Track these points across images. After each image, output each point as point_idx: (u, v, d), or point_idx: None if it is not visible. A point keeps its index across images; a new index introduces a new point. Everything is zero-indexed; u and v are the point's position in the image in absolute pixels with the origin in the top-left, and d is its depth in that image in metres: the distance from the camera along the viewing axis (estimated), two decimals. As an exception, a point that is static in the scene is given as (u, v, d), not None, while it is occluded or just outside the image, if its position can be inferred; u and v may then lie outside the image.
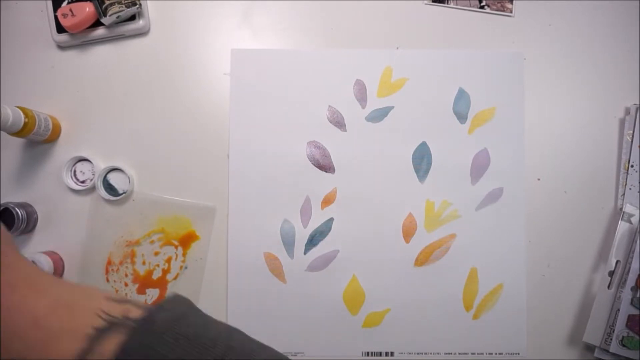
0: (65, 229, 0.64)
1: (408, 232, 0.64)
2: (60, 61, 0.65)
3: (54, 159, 0.64)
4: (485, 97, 0.65)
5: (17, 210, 0.60)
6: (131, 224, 0.64)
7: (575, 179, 0.65)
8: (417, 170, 0.64)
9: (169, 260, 0.64)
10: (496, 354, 0.64)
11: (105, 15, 0.61)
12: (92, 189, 0.64)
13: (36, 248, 0.63)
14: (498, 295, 0.64)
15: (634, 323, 0.60)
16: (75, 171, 0.64)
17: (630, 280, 0.61)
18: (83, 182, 0.64)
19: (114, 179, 0.64)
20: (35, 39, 0.65)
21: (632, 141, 0.64)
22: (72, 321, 0.28)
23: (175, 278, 0.64)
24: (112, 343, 0.28)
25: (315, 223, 0.64)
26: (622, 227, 0.63)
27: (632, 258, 0.61)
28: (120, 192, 0.64)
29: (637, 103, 0.65)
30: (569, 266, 0.64)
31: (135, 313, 0.30)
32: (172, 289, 0.64)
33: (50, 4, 0.63)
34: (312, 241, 0.64)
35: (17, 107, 0.57)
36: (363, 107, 0.65)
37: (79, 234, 0.64)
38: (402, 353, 0.63)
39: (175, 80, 0.65)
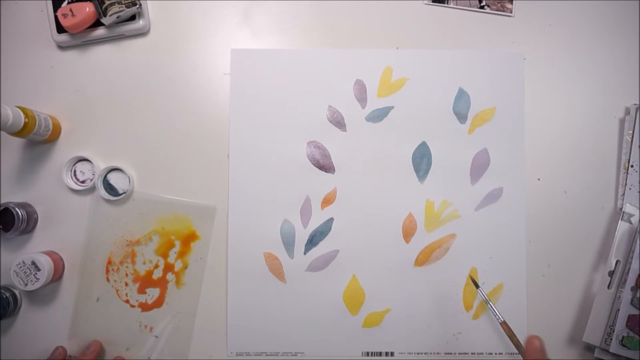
0: (65, 229, 0.64)
1: (408, 232, 0.64)
2: (60, 61, 0.65)
3: (54, 159, 0.64)
4: (485, 97, 0.65)
5: (17, 210, 0.60)
6: (131, 223, 0.64)
7: (575, 179, 0.65)
8: (417, 170, 0.64)
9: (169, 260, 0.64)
10: (496, 353, 0.64)
11: (105, 15, 0.61)
12: (92, 189, 0.64)
13: (36, 248, 0.63)
14: (498, 295, 0.64)
15: (634, 323, 0.60)
16: (75, 171, 0.64)
17: (630, 280, 0.61)
18: (83, 182, 0.64)
19: (114, 179, 0.64)
20: (35, 39, 0.65)
21: (632, 141, 0.64)
22: None
23: (175, 278, 0.64)
24: None
25: (315, 223, 0.64)
26: (622, 227, 0.63)
27: (632, 258, 0.61)
28: (120, 192, 0.64)
29: (637, 103, 0.65)
30: (569, 266, 0.64)
31: None
32: (172, 288, 0.64)
33: (50, 4, 0.63)
34: (312, 241, 0.64)
35: (17, 107, 0.57)
36: (363, 107, 0.65)
37: (79, 234, 0.64)
38: (402, 353, 0.63)
39: (175, 80, 0.65)
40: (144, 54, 0.65)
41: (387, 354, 0.64)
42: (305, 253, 0.64)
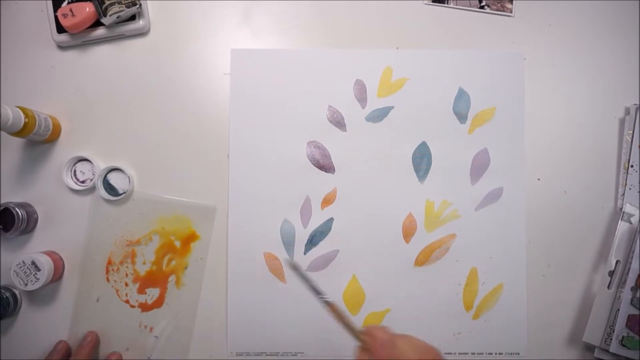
0: (65, 229, 0.64)
1: (408, 232, 0.64)
2: (60, 61, 0.65)
3: (54, 159, 0.64)
4: (485, 97, 0.65)
5: (17, 210, 0.60)
6: (131, 223, 0.64)
7: (575, 179, 0.65)
8: (417, 170, 0.64)
9: (169, 260, 0.64)
10: (496, 354, 0.64)
11: (105, 15, 0.61)
12: (92, 189, 0.64)
13: (36, 248, 0.63)
14: (498, 295, 0.64)
15: (634, 323, 0.60)
16: (75, 171, 0.64)
17: (630, 280, 0.61)
18: (83, 182, 0.64)
19: (114, 179, 0.64)
20: (35, 39, 0.65)
21: (632, 141, 0.64)
22: None
23: (175, 278, 0.64)
24: None
25: (315, 223, 0.64)
26: (622, 227, 0.63)
27: (632, 258, 0.61)
28: (120, 192, 0.64)
29: (637, 103, 0.65)
30: (569, 266, 0.64)
31: None
32: (172, 288, 0.64)
33: (50, 4, 0.63)
34: (312, 241, 0.64)
35: (17, 107, 0.57)
36: (363, 107, 0.65)
37: (79, 234, 0.64)
38: (402, 353, 0.63)
39: (175, 80, 0.65)
40: (144, 54, 0.65)
41: (387, 354, 0.63)
42: (305, 253, 0.64)
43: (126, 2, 0.61)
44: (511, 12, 0.66)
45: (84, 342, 0.61)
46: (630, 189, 0.64)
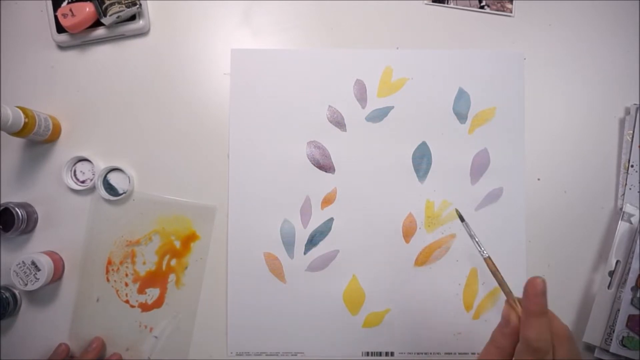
0: (65, 229, 0.64)
1: (408, 232, 0.64)
2: (60, 61, 0.65)
3: (54, 159, 0.64)
4: (485, 97, 0.65)
5: (17, 210, 0.60)
6: (131, 224, 0.64)
7: (575, 179, 0.65)
8: (417, 170, 0.64)
9: (169, 260, 0.64)
10: (496, 354, 0.63)
11: (105, 15, 0.61)
12: (92, 189, 0.64)
13: (36, 248, 0.63)
14: (498, 295, 0.64)
15: (634, 323, 0.60)
16: (75, 171, 0.64)
17: (630, 280, 0.61)
18: (83, 182, 0.64)
19: (114, 179, 0.64)
20: (35, 39, 0.65)
21: (632, 141, 0.64)
22: None
23: (175, 278, 0.64)
24: None
25: (315, 223, 0.64)
26: (622, 227, 0.63)
27: (632, 258, 0.61)
28: (120, 192, 0.64)
29: (637, 103, 0.65)
30: (569, 266, 0.64)
31: None
32: (172, 289, 0.64)
33: (50, 4, 0.63)
34: (312, 241, 0.64)
35: (17, 107, 0.57)
36: (363, 107, 0.65)
37: (79, 234, 0.64)
38: (402, 353, 0.63)
39: (175, 80, 0.65)
40: (144, 54, 0.65)
41: (387, 354, 0.64)
42: (305, 253, 0.64)
43: (126, 2, 0.61)
44: (511, 12, 0.66)
45: (90, 347, 0.61)
46: (630, 189, 0.64)
